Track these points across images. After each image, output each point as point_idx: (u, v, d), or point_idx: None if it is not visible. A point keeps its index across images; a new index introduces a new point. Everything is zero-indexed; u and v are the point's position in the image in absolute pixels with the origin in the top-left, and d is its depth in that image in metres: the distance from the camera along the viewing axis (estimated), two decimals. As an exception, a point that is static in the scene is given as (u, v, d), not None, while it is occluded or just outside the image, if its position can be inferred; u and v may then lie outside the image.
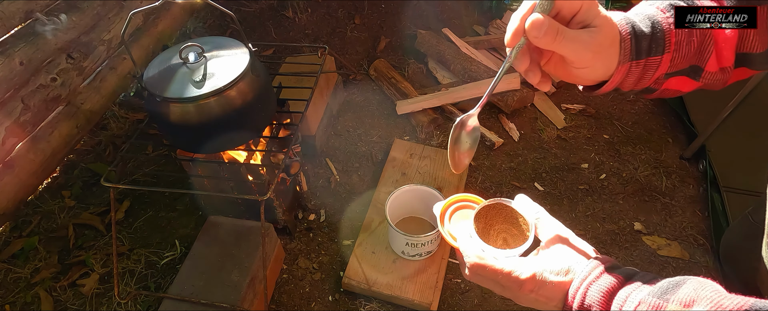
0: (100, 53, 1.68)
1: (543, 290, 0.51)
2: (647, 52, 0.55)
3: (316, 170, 1.72)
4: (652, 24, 0.55)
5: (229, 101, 1.06)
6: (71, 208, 1.61)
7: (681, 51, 0.56)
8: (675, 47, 0.56)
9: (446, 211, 0.66)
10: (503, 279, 0.53)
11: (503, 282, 0.53)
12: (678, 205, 1.59)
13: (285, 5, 2.36)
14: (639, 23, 0.55)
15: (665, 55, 0.56)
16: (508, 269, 0.53)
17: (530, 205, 0.60)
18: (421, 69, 2.03)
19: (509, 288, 0.53)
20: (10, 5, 1.37)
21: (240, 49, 1.13)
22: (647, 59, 0.56)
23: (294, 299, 1.39)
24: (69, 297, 1.40)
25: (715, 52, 0.57)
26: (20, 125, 1.43)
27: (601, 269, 0.50)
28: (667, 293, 0.45)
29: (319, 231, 1.54)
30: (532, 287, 0.51)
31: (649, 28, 0.55)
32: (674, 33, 0.56)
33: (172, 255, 1.49)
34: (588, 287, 0.49)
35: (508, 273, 0.52)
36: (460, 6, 2.36)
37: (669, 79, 0.59)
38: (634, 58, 0.55)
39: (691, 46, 0.57)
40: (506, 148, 1.78)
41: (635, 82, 0.58)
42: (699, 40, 0.56)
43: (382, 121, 1.89)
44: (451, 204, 0.67)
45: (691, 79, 0.60)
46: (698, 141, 1.65)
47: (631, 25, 0.55)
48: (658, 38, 0.55)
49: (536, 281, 0.51)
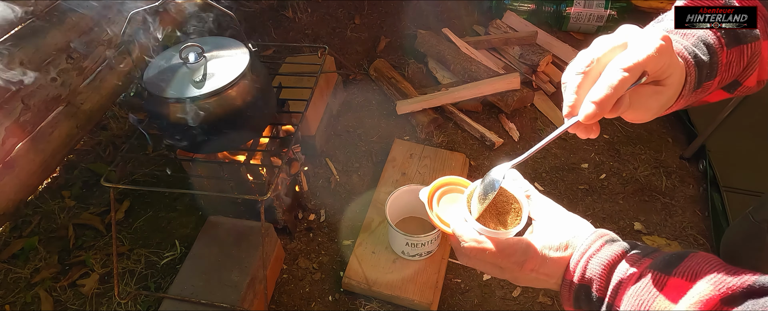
0: (100, 53, 1.68)
1: (543, 267, 0.51)
2: (705, 78, 0.53)
3: (316, 170, 1.72)
4: (707, 48, 0.53)
5: (229, 101, 1.06)
6: (71, 208, 1.61)
7: (731, 70, 0.55)
8: (725, 68, 0.54)
9: (433, 196, 0.62)
10: (503, 260, 0.52)
11: (503, 264, 0.52)
12: (678, 205, 1.59)
13: (285, 5, 2.36)
14: (697, 51, 0.52)
15: (716, 77, 0.54)
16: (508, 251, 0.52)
17: (520, 182, 0.58)
18: (421, 69, 2.03)
19: (509, 269, 0.52)
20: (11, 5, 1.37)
21: (240, 49, 1.13)
22: (704, 84, 0.54)
23: (294, 299, 1.39)
24: (69, 297, 1.40)
25: (759, 67, 0.56)
26: (20, 125, 1.43)
27: (601, 242, 0.49)
28: (669, 266, 0.43)
29: (319, 231, 1.54)
30: (532, 266, 0.51)
31: (706, 55, 0.52)
32: (725, 54, 0.53)
33: (172, 255, 1.49)
34: (588, 259, 0.48)
35: (508, 254, 0.51)
36: (460, 6, 2.36)
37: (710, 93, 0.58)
38: (695, 88, 0.53)
39: (739, 66, 0.55)
40: (506, 147, 1.78)
41: (685, 104, 0.56)
42: (748, 58, 0.54)
43: (382, 121, 1.89)
44: (438, 188, 0.63)
45: (726, 92, 0.59)
46: (698, 141, 1.65)
47: (694, 55, 0.51)
48: (713, 63, 0.53)
49: (535, 260, 0.51)
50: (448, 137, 1.82)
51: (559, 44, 2.09)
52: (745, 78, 0.57)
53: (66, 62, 1.55)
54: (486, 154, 1.76)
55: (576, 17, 2.15)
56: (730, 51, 0.54)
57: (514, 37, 2.05)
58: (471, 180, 0.61)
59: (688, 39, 0.53)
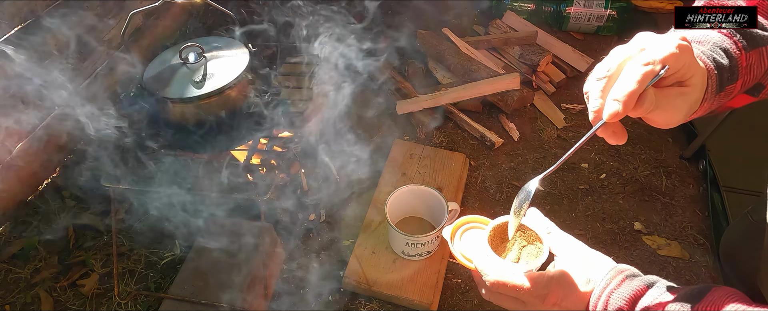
0: (100, 53, 1.68)
1: (565, 302, 0.51)
2: (728, 81, 0.53)
3: (316, 170, 1.72)
4: (725, 53, 0.53)
5: (229, 101, 1.06)
6: (71, 208, 1.61)
7: (752, 73, 0.55)
8: (746, 71, 0.54)
9: (455, 233, 0.66)
10: (524, 294, 0.53)
11: (524, 298, 0.53)
12: (678, 205, 1.59)
13: (285, 5, 2.36)
14: (715, 55, 0.52)
15: (738, 81, 0.54)
16: (528, 284, 0.53)
17: (541, 220, 0.60)
18: (421, 69, 2.03)
19: (531, 303, 0.53)
20: (11, 5, 1.37)
21: (240, 49, 1.13)
22: (726, 88, 0.54)
23: (294, 299, 1.39)
24: (69, 297, 1.40)
25: None
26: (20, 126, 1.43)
27: (621, 277, 0.49)
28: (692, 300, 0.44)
29: (319, 231, 1.54)
30: (554, 300, 0.51)
31: (725, 59, 0.52)
32: (744, 57, 0.54)
33: (172, 255, 1.49)
34: (610, 295, 0.49)
35: (528, 288, 0.52)
36: (460, 6, 2.36)
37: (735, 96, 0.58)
38: (718, 91, 0.53)
39: (760, 68, 0.55)
40: (506, 147, 1.78)
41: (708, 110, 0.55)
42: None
43: (382, 121, 1.89)
44: (460, 226, 0.67)
45: (750, 96, 0.59)
46: (698, 140, 1.65)
47: (712, 59, 0.52)
48: (733, 67, 0.53)
49: (557, 294, 0.51)
50: (447, 137, 1.82)
51: (559, 44, 2.09)
52: None
53: (66, 62, 1.55)
54: (486, 154, 1.76)
55: (576, 17, 2.15)
56: (749, 54, 0.53)
57: (514, 37, 2.05)
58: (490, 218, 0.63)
59: (705, 45, 0.53)
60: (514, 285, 0.53)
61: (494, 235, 0.60)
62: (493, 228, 0.60)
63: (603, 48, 2.13)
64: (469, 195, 1.63)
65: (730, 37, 0.54)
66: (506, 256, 0.58)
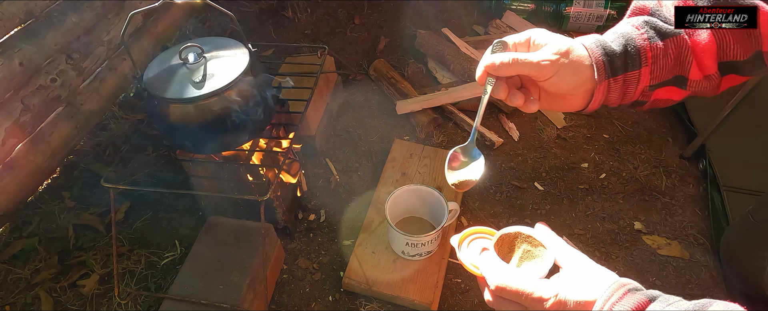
0: (99, 54, 1.68)
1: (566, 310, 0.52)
2: (623, 68, 0.59)
3: (316, 170, 1.72)
4: (625, 42, 0.59)
5: (229, 102, 1.06)
6: (71, 209, 1.61)
7: (659, 63, 0.60)
8: (652, 60, 0.59)
9: (463, 242, 0.68)
10: (526, 299, 0.54)
11: (526, 303, 0.54)
12: (678, 204, 1.59)
13: (284, 5, 2.36)
14: (610, 43, 0.59)
15: (643, 68, 0.59)
16: (530, 289, 0.53)
17: (548, 234, 0.61)
18: (420, 69, 2.03)
19: (532, 308, 0.54)
20: (10, 5, 1.37)
21: (240, 49, 1.13)
22: (625, 75, 0.59)
23: (294, 299, 1.39)
24: (69, 297, 1.40)
25: (696, 62, 0.60)
26: (20, 126, 1.43)
27: (623, 290, 0.50)
28: None
29: (319, 231, 1.54)
30: (555, 307, 0.52)
31: (621, 47, 0.59)
32: (650, 47, 0.59)
33: (172, 255, 1.49)
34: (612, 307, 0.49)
35: (530, 293, 0.53)
36: (459, 6, 2.36)
37: (655, 91, 0.62)
38: (610, 75, 0.59)
39: (668, 59, 0.60)
40: (506, 147, 1.79)
41: (620, 97, 0.62)
42: (675, 51, 0.60)
43: (382, 121, 1.89)
44: (467, 236, 0.69)
45: (679, 88, 0.63)
46: (698, 140, 1.65)
47: (601, 47, 0.59)
48: (633, 54, 0.59)
49: (559, 301, 0.52)
50: (447, 137, 1.82)
51: (559, 44, 2.09)
52: (687, 71, 0.60)
53: (66, 63, 1.55)
54: (486, 154, 1.76)
55: (575, 17, 2.15)
56: (654, 45, 0.59)
57: (514, 36, 2.05)
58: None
59: (610, 36, 0.61)
60: (517, 289, 0.54)
61: (501, 244, 0.62)
62: (500, 237, 0.63)
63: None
64: (469, 195, 1.63)
65: (638, 28, 0.60)
66: (511, 264, 0.60)
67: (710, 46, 0.58)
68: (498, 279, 0.56)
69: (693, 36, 0.59)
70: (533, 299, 0.53)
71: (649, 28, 0.60)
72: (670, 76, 0.61)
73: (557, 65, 0.58)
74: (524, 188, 1.65)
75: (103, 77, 1.72)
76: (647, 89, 0.61)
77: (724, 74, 0.61)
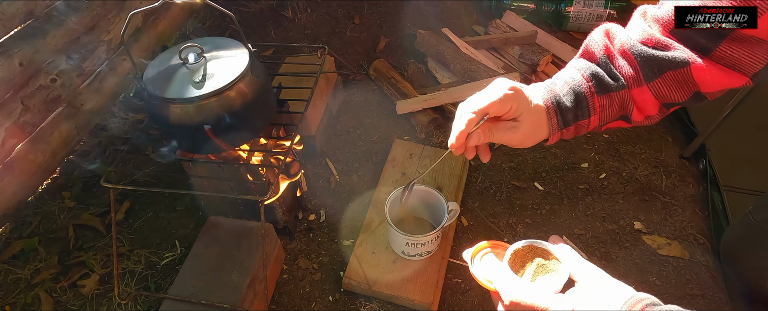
0: (99, 54, 1.68)
1: None
2: (575, 118, 0.68)
3: (316, 170, 1.72)
4: (575, 96, 0.67)
5: (229, 102, 1.06)
6: (71, 209, 1.61)
7: (605, 112, 0.68)
8: (599, 110, 0.67)
9: (475, 256, 0.68)
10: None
11: None
12: (678, 204, 1.59)
13: (284, 5, 2.36)
14: (563, 97, 0.67)
15: (592, 116, 0.68)
16: (546, 304, 0.53)
17: (563, 247, 0.61)
18: (420, 69, 2.03)
19: None
20: (10, 5, 1.37)
21: (239, 49, 1.13)
22: (576, 123, 0.68)
23: (294, 299, 1.39)
24: (69, 298, 1.40)
25: (637, 108, 0.67)
26: (20, 126, 1.43)
27: (641, 305, 0.49)
28: None
29: (319, 231, 1.54)
30: None
31: (572, 101, 0.67)
32: (597, 99, 0.67)
33: (172, 255, 1.49)
34: None
35: (545, 308, 0.53)
36: (459, 6, 2.36)
37: (605, 125, 0.71)
38: (562, 127, 0.68)
39: (613, 108, 0.67)
40: (506, 147, 1.78)
41: (574, 135, 0.71)
42: (619, 103, 0.67)
43: (382, 121, 1.89)
44: (480, 249, 0.69)
45: (625, 122, 0.71)
46: (698, 140, 1.65)
47: (556, 103, 0.67)
48: (583, 107, 0.67)
49: None
50: (447, 137, 1.82)
51: (559, 44, 2.09)
52: (629, 114, 0.68)
53: (66, 63, 1.55)
54: (486, 154, 1.76)
55: (576, 17, 2.15)
56: (601, 97, 0.67)
57: (514, 36, 2.05)
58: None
59: (562, 89, 0.68)
60: (532, 304, 0.54)
61: (514, 258, 0.62)
62: (513, 251, 0.63)
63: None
64: (469, 195, 1.63)
65: (587, 81, 0.67)
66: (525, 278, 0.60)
67: (650, 98, 0.65)
68: (512, 294, 0.56)
69: (635, 87, 0.65)
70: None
71: (595, 82, 0.67)
72: (616, 117, 0.69)
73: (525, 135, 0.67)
74: (524, 188, 1.65)
75: (103, 77, 1.72)
76: (597, 127, 0.70)
77: (668, 109, 0.68)
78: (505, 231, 1.52)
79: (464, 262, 0.67)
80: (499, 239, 0.69)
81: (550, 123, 0.67)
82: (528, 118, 0.65)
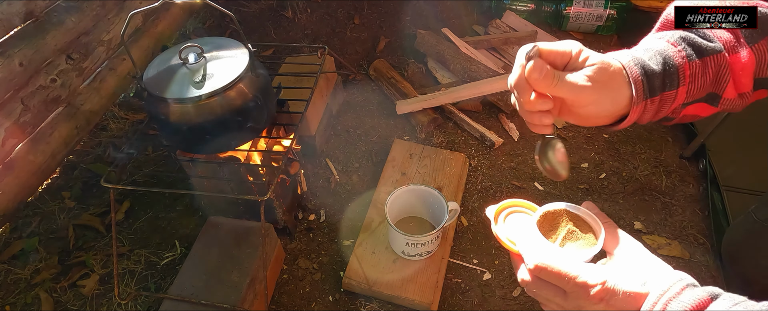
0: (99, 54, 1.68)
1: (614, 300, 0.47)
2: (661, 87, 0.55)
3: (316, 170, 1.72)
4: (663, 60, 0.55)
5: (229, 102, 1.06)
6: (71, 209, 1.61)
7: (696, 82, 0.56)
8: (690, 79, 0.56)
9: (499, 215, 0.62)
10: (569, 283, 0.48)
11: (568, 287, 0.49)
12: (678, 204, 1.59)
13: (284, 5, 2.36)
14: (649, 61, 0.55)
15: (681, 88, 0.56)
16: (575, 272, 0.48)
17: (598, 215, 0.56)
18: (420, 69, 2.03)
19: (574, 294, 0.49)
20: (10, 6, 1.37)
21: (239, 49, 1.13)
22: (662, 94, 0.56)
23: (294, 299, 1.39)
24: (69, 298, 1.40)
25: (733, 80, 0.57)
26: (20, 126, 1.43)
27: (682, 284, 0.45)
28: None
29: (319, 231, 1.54)
30: (601, 295, 0.47)
31: (659, 65, 0.55)
32: (688, 66, 0.55)
33: (172, 255, 1.49)
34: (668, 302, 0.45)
35: (574, 277, 0.48)
36: (459, 6, 2.36)
37: (686, 107, 0.59)
38: (647, 96, 0.55)
39: (706, 77, 0.56)
40: (506, 147, 1.79)
41: (653, 116, 0.58)
42: (714, 70, 0.56)
43: (382, 121, 1.89)
44: (506, 207, 0.63)
45: (710, 105, 0.60)
46: (698, 140, 1.65)
47: (640, 65, 0.55)
48: (671, 73, 0.55)
49: (607, 289, 0.47)
50: (447, 137, 1.82)
51: (559, 44, 2.09)
52: (722, 90, 0.58)
53: (65, 63, 1.55)
54: (486, 154, 1.76)
55: (575, 17, 2.15)
56: (693, 63, 0.55)
57: (514, 36, 2.05)
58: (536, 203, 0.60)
59: (644, 54, 0.56)
60: (559, 271, 0.48)
61: (544, 221, 0.57)
62: (544, 213, 0.57)
63: (603, 47, 2.13)
64: (469, 195, 1.63)
65: (675, 45, 0.56)
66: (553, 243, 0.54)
67: (749, 64, 0.55)
68: (538, 258, 0.50)
69: (733, 53, 0.56)
70: (577, 284, 0.48)
71: (686, 45, 0.56)
72: (703, 94, 0.58)
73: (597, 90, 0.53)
74: (524, 188, 1.65)
75: (103, 77, 1.72)
76: (680, 106, 0.59)
77: (755, 89, 0.59)
78: (505, 231, 1.52)
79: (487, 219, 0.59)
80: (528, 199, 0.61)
81: (635, 89, 0.54)
82: (600, 74, 0.53)
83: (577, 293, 0.48)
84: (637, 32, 0.68)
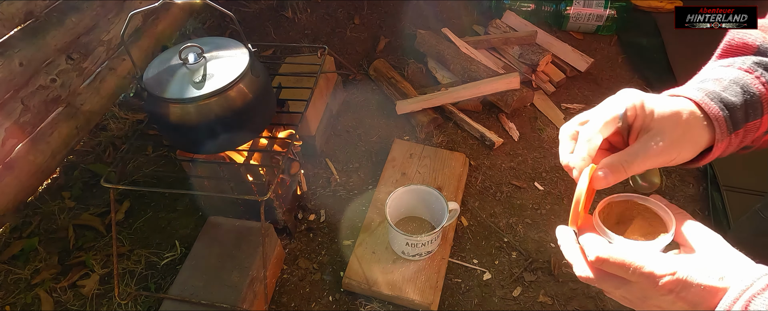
0: (99, 54, 1.68)
1: (686, 292, 0.43)
2: (745, 119, 0.52)
3: (316, 170, 1.72)
4: (742, 90, 0.51)
5: (229, 102, 1.06)
6: (71, 209, 1.61)
7: None
8: None
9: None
10: (634, 273, 0.44)
11: (634, 278, 0.45)
12: (678, 204, 1.58)
13: (284, 5, 2.36)
14: (726, 94, 0.51)
15: (765, 116, 0.53)
16: (641, 262, 0.44)
17: (668, 206, 0.54)
18: (420, 69, 2.03)
19: (641, 284, 0.45)
20: (10, 6, 1.37)
21: (240, 49, 1.13)
22: (746, 125, 0.52)
23: (294, 299, 1.39)
24: (69, 298, 1.40)
25: None
26: (20, 126, 1.43)
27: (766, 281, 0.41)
28: None
29: (319, 231, 1.54)
30: (672, 286, 0.43)
31: (738, 96, 0.51)
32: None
33: (172, 255, 1.49)
34: (751, 298, 0.40)
35: (640, 266, 0.44)
36: (459, 6, 2.36)
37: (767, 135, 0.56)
38: (732, 131, 0.51)
39: None
40: (506, 147, 1.78)
41: (736, 148, 0.55)
42: None
43: (382, 121, 1.89)
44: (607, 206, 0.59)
45: None
46: (698, 140, 1.65)
47: (718, 100, 0.50)
48: (753, 102, 0.51)
49: (678, 280, 0.43)
50: (447, 137, 1.82)
51: (559, 44, 2.09)
52: None
53: (65, 63, 1.55)
54: (486, 154, 1.76)
55: (575, 17, 2.15)
56: None
57: (514, 36, 2.05)
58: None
59: (720, 85, 0.52)
60: (623, 261, 0.44)
61: (608, 212, 0.54)
62: (607, 203, 0.55)
63: (603, 47, 2.13)
64: (469, 195, 1.63)
65: (750, 72, 0.52)
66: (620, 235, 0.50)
67: None
68: (599, 249, 0.47)
69: None
70: (643, 273, 0.44)
71: (763, 70, 0.52)
72: None
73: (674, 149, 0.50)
74: (524, 188, 1.65)
75: (103, 77, 1.72)
76: (762, 134, 0.55)
77: None
78: (505, 231, 1.52)
79: None
80: None
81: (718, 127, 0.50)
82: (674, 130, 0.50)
83: (642, 282, 0.44)
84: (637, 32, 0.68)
